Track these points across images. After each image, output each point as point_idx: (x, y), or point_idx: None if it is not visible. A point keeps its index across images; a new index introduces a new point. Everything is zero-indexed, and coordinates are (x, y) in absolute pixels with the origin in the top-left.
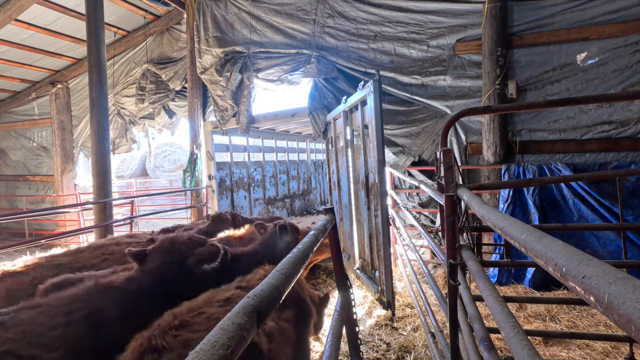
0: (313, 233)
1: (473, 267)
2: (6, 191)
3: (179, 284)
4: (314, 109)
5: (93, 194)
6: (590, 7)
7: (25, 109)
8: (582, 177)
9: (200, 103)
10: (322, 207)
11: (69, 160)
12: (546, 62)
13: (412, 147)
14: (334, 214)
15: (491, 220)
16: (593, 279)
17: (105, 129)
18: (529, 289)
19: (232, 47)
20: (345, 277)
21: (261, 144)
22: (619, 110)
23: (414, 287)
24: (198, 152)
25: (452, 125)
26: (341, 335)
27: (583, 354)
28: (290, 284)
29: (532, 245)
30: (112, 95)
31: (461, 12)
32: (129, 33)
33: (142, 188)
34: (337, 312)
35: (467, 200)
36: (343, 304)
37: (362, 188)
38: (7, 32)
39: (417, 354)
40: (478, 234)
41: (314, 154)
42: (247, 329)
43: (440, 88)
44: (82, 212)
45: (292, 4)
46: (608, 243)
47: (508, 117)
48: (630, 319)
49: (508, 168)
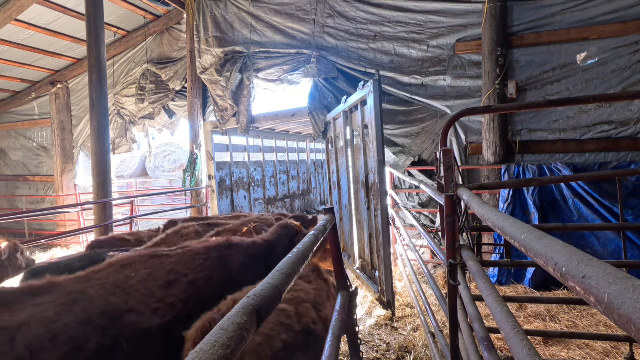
0: (313, 233)
1: (473, 267)
2: (6, 191)
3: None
4: (314, 109)
5: (93, 194)
6: (590, 7)
7: (25, 109)
8: (582, 177)
9: (200, 103)
10: (322, 207)
11: (69, 160)
12: (546, 62)
13: (412, 147)
14: (334, 214)
15: (491, 220)
16: (593, 279)
17: (105, 129)
18: (529, 289)
19: (232, 47)
20: (345, 277)
21: (261, 144)
22: (619, 110)
23: (414, 287)
24: (198, 152)
25: (452, 125)
26: (341, 335)
27: (583, 354)
28: (290, 284)
29: (532, 245)
30: (112, 95)
31: (461, 12)
32: (129, 33)
33: (142, 188)
34: (337, 312)
35: (467, 200)
36: (343, 304)
37: (362, 188)
38: (7, 32)
39: (417, 354)
40: (478, 234)
41: (314, 154)
42: (247, 329)
43: (440, 88)
44: (82, 212)
45: (292, 4)
46: (608, 243)
47: (508, 117)
48: (630, 319)
49: (508, 168)
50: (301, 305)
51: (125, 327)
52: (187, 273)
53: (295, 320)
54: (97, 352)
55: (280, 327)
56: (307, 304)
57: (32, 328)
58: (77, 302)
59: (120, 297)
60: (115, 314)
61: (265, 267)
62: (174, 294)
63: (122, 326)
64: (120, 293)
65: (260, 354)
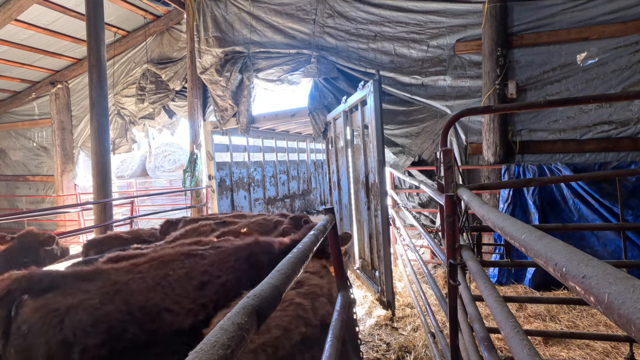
0: (313, 233)
1: (473, 267)
2: (6, 191)
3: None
4: (314, 109)
5: (93, 194)
6: (590, 7)
7: (25, 109)
8: (582, 177)
9: (200, 103)
10: (322, 207)
11: (69, 160)
12: (546, 62)
13: (412, 147)
14: (334, 214)
15: (491, 220)
16: (593, 278)
17: (105, 129)
18: (529, 289)
19: (232, 47)
20: (345, 277)
21: (261, 144)
22: (619, 110)
23: (414, 287)
24: (198, 152)
25: (452, 125)
26: (341, 335)
27: (583, 354)
28: (290, 284)
29: (532, 245)
30: (112, 95)
31: (461, 12)
32: (129, 33)
33: (142, 188)
34: (337, 312)
35: (467, 200)
36: (343, 304)
37: (362, 188)
38: (7, 32)
39: (417, 354)
40: (478, 234)
41: (314, 154)
42: (247, 329)
43: (440, 88)
44: (82, 212)
45: (292, 4)
46: (608, 243)
47: (508, 117)
48: (630, 319)
49: (508, 168)
50: (317, 300)
51: (161, 325)
52: (220, 275)
53: (311, 313)
54: (132, 343)
55: (298, 321)
56: (322, 297)
57: (79, 312)
58: (119, 293)
59: (159, 295)
60: (153, 310)
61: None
62: (206, 296)
63: (159, 323)
64: (159, 290)
65: (279, 346)
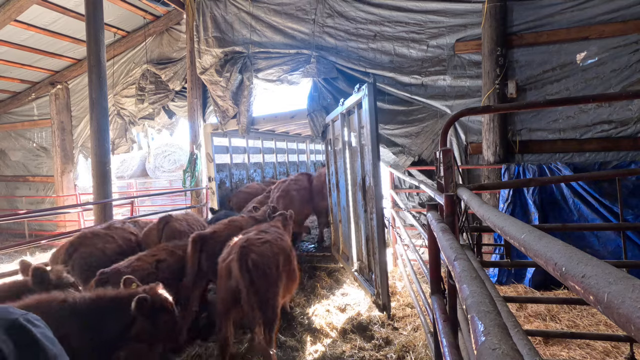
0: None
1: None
2: (6, 192)
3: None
4: (312, 110)
5: (93, 194)
6: (589, 6)
7: (25, 110)
8: (582, 176)
9: (200, 103)
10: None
11: (68, 161)
12: (546, 62)
13: (412, 147)
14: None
15: (491, 220)
16: (593, 278)
17: (105, 129)
18: (529, 289)
19: (231, 47)
20: (439, 279)
21: (261, 145)
22: (619, 110)
23: (414, 287)
24: (198, 152)
25: (451, 124)
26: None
27: (583, 354)
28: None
29: (531, 245)
30: (111, 95)
31: (461, 11)
32: (129, 33)
33: (142, 188)
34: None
35: (467, 200)
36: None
37: (360, 190)
38: (6, 32)
39: (417, 354)
40: (478, 234)
41: (314, 154)
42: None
43: (440, 88)
44: (82, 212)
45: (291, 4)
46: (608, 243)
47: (508, 116)
48: (630, 319)
49: (508, 168)
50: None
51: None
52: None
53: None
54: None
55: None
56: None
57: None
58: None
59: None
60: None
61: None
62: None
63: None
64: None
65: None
